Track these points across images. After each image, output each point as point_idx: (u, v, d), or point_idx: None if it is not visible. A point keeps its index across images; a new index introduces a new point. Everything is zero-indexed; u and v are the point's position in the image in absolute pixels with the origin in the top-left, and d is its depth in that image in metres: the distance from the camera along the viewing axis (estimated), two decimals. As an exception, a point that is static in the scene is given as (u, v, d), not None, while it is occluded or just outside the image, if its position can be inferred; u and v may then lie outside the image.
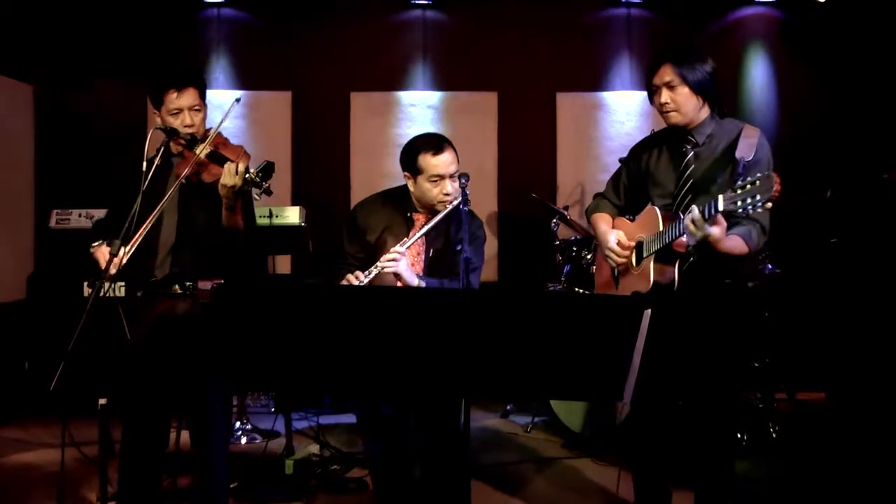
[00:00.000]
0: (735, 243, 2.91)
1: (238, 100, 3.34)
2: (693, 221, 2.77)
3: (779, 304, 4.98)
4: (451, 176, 3.28)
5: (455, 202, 3.25)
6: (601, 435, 4.64)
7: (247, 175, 3.10)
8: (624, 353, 2.10)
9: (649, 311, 2.10)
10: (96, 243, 3.33)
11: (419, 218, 3.36)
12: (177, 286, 3.25)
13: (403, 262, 3.16)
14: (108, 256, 3.05)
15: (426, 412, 3.14)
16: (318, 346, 2.17)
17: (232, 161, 3.14)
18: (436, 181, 3.28)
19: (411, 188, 3.39)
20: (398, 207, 3.38)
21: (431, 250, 3.31)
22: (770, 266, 4.79)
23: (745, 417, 4.62)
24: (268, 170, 3.13)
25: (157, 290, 3.28)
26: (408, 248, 3.21)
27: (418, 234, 3.23)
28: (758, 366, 4.81)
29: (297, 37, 6.53)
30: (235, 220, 3.25)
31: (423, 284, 3.16)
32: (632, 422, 3.38)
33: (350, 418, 5.53)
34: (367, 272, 3.15)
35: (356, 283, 3.13)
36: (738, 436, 4.53)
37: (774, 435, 4.64)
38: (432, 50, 6.56)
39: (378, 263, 3.17)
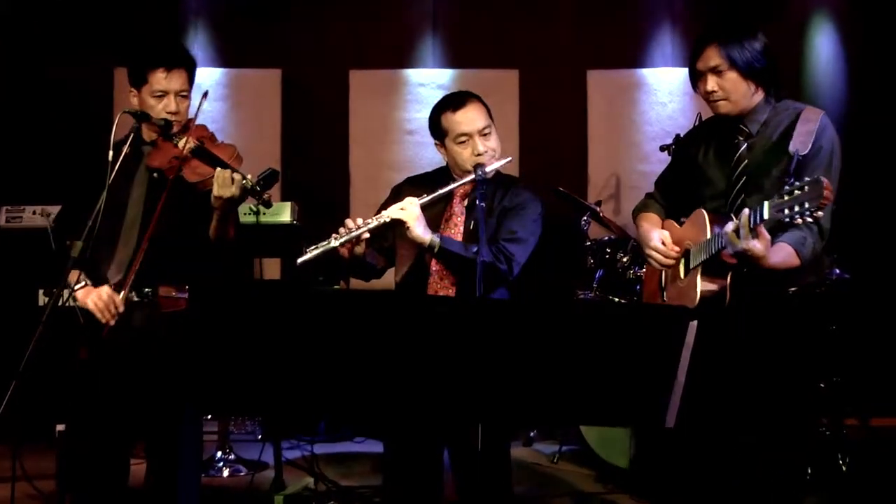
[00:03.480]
0: (783, 257, 2.88)
1: (206, 94, 3.34)
2: (737, 230, 2.75)
3: (848, 315, 4.93)
4: (483, 133, 3.31)
5: (499, 163, 3.30)
6: (640, 467, 4.61)
7: (244, 182, 3.11)
8: (666, 372, 2.09)
9: (695, 322, 2.08)
10: (79, 284, 3.20)
11: (457, 190, 3.38)
12: (133, 293, 3.22)
13: (412, 211, 3.17)
14: (102, 299, 3.09)
15: (464, 448, 3.15)
16: (312, 361, 2.17)
17: (225, 163, 3.13)
18: (464, 141, 3.31)
19: (445, 158, 3.44)
20: (438, 182, 3.39)
21: (472, 222, 3.32)
22: (837, 271, 4.74)
23: (811, 447, 4.57)
24: (270, 178, 3.15)
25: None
26: (424, 203, 3.23)
27: (440, 192, 3.26)
28: (824, 387, 4.77)
29: (287, 6, 6.53)
30: (227, 231, 3.25)
31: (436, 240, 3.16)
32: (675, 453, 3.35)
33: (348, 447, 5.53)
34: (367, 220, 3.17)
35: (353, 226, 3.14)
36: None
37: (844, 467, 4.60)
38: (444, 21, 6.54)
39: (384, 213, 3.19)
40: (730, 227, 2.78)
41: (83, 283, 3.20)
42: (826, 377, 4.78)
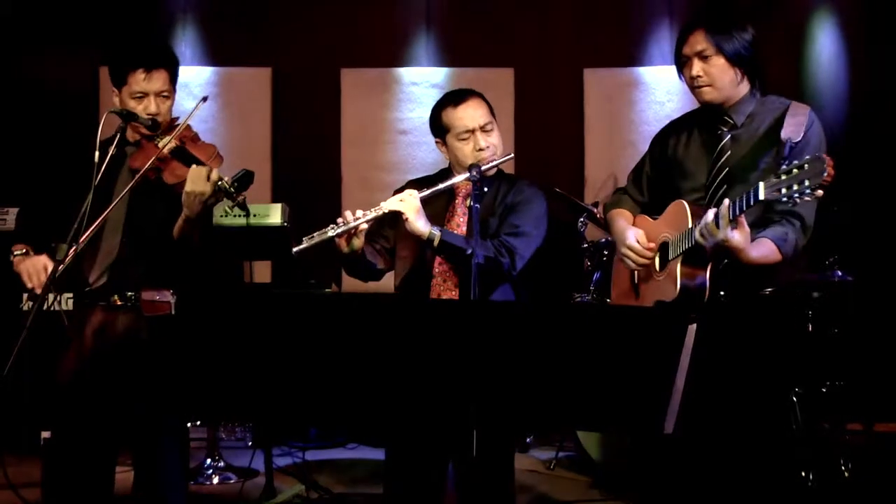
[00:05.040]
0: (764, 251, 2.88)
1: (205, 98, 3.36)
2: (717, 217, 2.75)
3: (851, 318, 4.94)
4: (485, 129, 3.33)
5: (501, 159, 3.30)
6: (637, 474, 4.60)
7: (219, 183, 3.09)
8: (664, 376, 2.08)
9: (694, 325, 2.08)
10: (18, 252, 3.28)
11: (461, 188, 3.37)
12: (116, 296, 3.23)
13: (411, 202, 3.16)
14: (34, 265, 3.08)
15: (468, 460, 3.16)
16: (303, 366, 2.17)
17: (202, 163, 3.13)
18: (465, 138, 3.32)
19: (446, 156, 3.46)
20: (441, 182, 3.38)
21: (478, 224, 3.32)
22: (839, 273, 4.74)
23: (812, 453, 4.58)
24: (245, 179, 3.14)
25: (92, 301, 3.26)
26: (424, 197, 3.22)
27: (440, 186, 3.26)
28: (825, 391, 4.77)
29: (277, 3, 6.53)
30: (192, 233, 3.24)
31: (436, 233, 3.15)
32: (671, 459, 3.35)
33: (340, 453, 5.52)
34: (365, 212, 3.15)
35: (350, 217, 3.12)
36: (803, 474, 4.49)
37: (847, 474, 4.59)
38: (438, 18, 6.54)
39: (382, 204, 3.18)
40: (710, 216, 2.79)
41: (24, 251, 3.24)
42: (828, 381, 4.79)
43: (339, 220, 3.15)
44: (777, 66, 5.76)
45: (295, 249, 3.11)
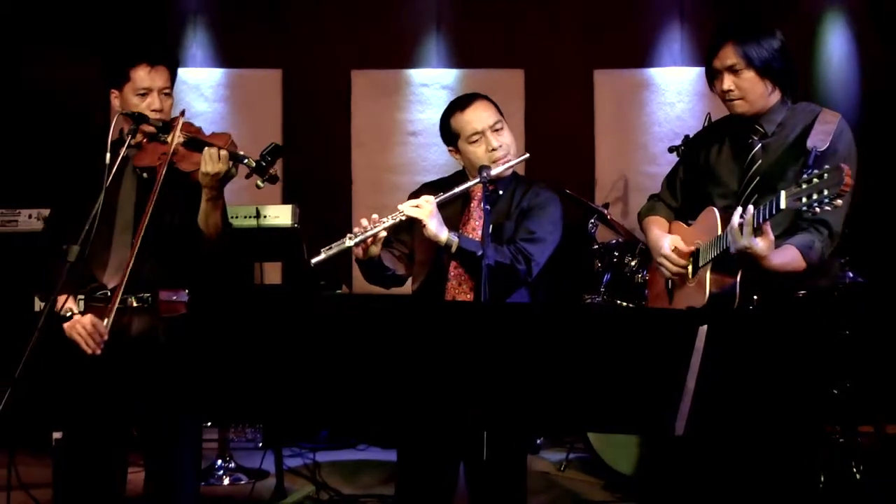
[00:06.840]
0: (788, 258, 2.88)
1: (183, 112, 3.32)
2: (740, 225, 2.76)
3: (862, 320, 4.92)
4: (495, 128, 3.32)
5: (516, 160, 3.32)
6: (649, 476, 4.60)
7: (245, 161, 3.11)
8: (676, 377, 2.08)
9: (705, 327, 2.08)
10: (68, 314, 3.16)
11: (476, 191, 3.38)
12: (132, 298, 3.22)
13: (428, 208, 3.15)
14: (87, 329, 3.07)
15: (480, 461, 3.17)
16: (313, 367, 2.17)
17: (216, 146, 3.14)
18: (476, 140, 3.31)
19: (460, 163, 3.46)
20: (455, 185, 3.38)
21: (490, 225, 3.32)
22: (851, 274, 4.73)
23: (823, 455, 4.56)
24: (275, 152, 3.15)
25: (106, 303, 3.24)
26: (440, 201, 3.21)
27: (455, 191, 3.25)
28: (838, 393, 4.76)
29: (287, 5, 6.54)
30: (216, 218, 3.24)
31: (454, 239, 3.15)
32: (684, 461, 3.35)
33: (350, 454, 5.53)
34: (382, 218, 3.15)
35: (368, 225, 3.12)
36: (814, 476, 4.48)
37: (858, 475, 4.58)
38: (447, 20, 6.54)
39: (400, 207, 3.18)
40: (735, 221, 2.79)
41: (70, 314, 3.16)
42: (840, 383, 4.77)
43: (356, 228, 3.14)
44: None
45: (313, 261, 3.10)
